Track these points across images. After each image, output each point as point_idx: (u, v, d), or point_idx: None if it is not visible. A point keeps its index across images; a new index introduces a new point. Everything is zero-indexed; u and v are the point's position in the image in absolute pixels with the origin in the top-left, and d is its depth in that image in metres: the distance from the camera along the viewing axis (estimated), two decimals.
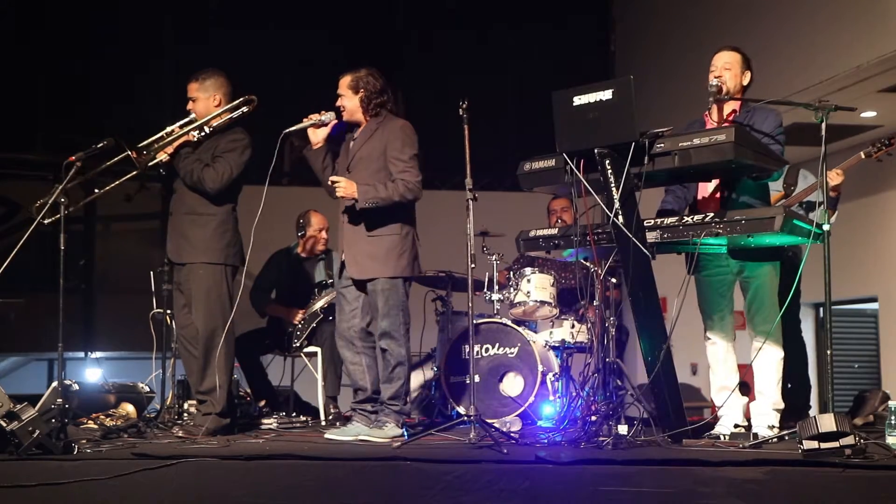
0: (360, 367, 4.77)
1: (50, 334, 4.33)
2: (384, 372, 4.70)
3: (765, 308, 4.48)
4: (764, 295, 4.48)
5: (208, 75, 5.02)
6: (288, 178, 9.97)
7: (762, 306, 4.48)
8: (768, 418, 4.44)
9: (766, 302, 4.48)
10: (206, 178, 4.83)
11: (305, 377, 6.31)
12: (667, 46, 9.25)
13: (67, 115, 9.11)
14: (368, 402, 4.77)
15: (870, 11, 6.57)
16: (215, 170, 4.85)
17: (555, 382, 5.40)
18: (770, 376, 4.48)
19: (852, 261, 8.22)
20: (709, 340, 4.64)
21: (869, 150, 5.18)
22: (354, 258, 4.72)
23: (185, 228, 4.90)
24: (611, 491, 3.28)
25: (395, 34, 10.31)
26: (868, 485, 3.26)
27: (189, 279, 4.89)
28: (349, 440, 4.55)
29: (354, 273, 4.71)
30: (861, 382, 9.10)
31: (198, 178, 4.83)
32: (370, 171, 4.68)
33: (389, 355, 4.68)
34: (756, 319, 4.50)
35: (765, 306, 4.48)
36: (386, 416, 4.67)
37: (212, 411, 4.83)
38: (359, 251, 4.70)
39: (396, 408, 4.68)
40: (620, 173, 4.13)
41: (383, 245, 4.68)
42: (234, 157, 4.90)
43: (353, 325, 4.77)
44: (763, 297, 4.48)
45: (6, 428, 3.76)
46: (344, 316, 4.79)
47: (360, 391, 4.79)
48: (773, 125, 4.42)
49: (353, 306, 4.77)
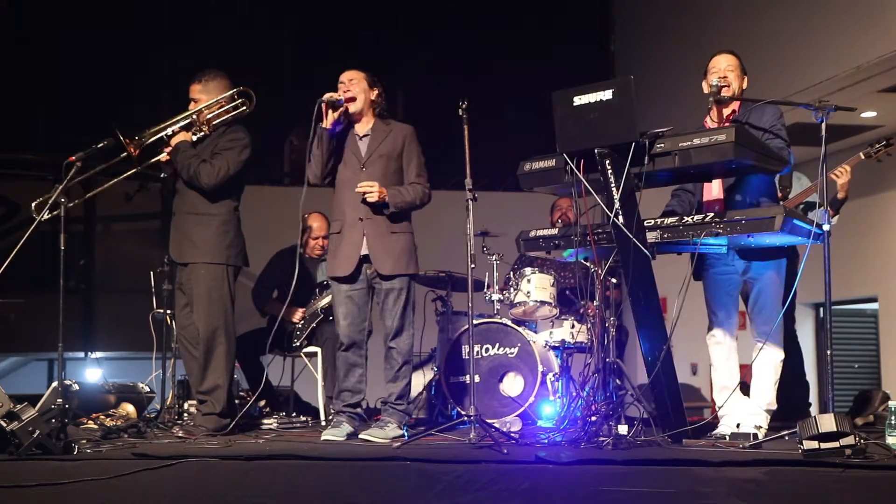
0: (362, 370, 4.78)
1: (50, 334, 4.33)
2: (390, 371, 4.72)
3: (767, 309, 4.48)
4: (767, 296, 4.48)
5: (210, 76, 5.02)
6: (289, 179, 9.99)
7: (764, 307, 4.48)
8: (756, 418, 4.44)
9: (768, 303, 4.48)
10: (202, 173, 4.83)
11: (305, 377, 6.32)
12: (667, 46, 9.25)
13: (67, 115, 9.11)
14: (358, 405, 4.80)
15: (870, 11, 6.57)
16: (212, 165, 4.84)
17: (555, 382, 5.40)
18: (767, 377, 4.48)
19: (852, 261, 8.23)
20: (713, 339, 4.63)
21: (868, 150, 5.18)
22: (379, 255, 4.71)
23: (188, 228, 4.90)
24: (611, 491, 3.28)
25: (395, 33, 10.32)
26: (868, 485, 3.25)
27: (190, 279, 4.89)
28: (343, 440, 4.57)
29: (387, 269, 4.70)
30: (861, 382, 9.10)
31: (194, 173, 4.83)
32: (385, 171, 4.73)
33: (397, 354, 4.71)
34: (757, 320, 4.50)
35: (767, 307, 4.48)
36: (389, 415, 4.69)
37: (212, 411, 4.83)
38: (382, 249, 4.70)
39: (402, 407, 4.72)
40: (620, 173, 4.13)
41: (401, 243, 4.74)
42: (231, 154, 4.90)
43: (364, 329, 4.78)
44: (766, 298, 4.48)
45: (6, 428, 3.76)
46: (354, 320, 4.76)
47: (351, 393, 4.77)
48: (771, 118, 4.41)
49: (364, 310, 4.78)
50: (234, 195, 4.98)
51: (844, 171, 5.19)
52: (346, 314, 4.75)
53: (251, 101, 5.03)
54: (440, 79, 9.68)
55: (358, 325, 4.75)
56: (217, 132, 5.00)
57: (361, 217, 4.70)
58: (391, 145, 4.78)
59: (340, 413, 4.75)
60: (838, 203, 5.31)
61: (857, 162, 5.20)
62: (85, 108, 8.82)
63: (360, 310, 4.76)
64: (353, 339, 4.75)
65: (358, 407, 4.81)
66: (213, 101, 4.99)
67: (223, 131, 5.00)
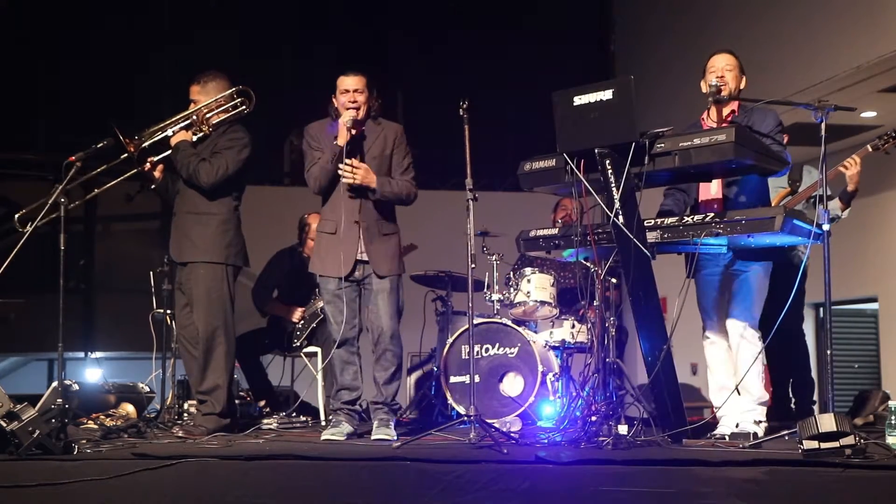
0: (356, 367, 4.79)
1: (50, 334, 4.33)
2: (385, 372, 4.73)
3: (745, 301, 4.45)
4: (748, 288, 4.45)
5: (210, 77, 5.03)
6: (289, 179, 9.99)
7: (744, 299, 4.45)
8: (753, 414, 4.44)
9: (748, 295, 4.45)
10: (201, 172, 4.83)
11: (305, 377, 6.32)
12: (666, 46, 9.25)
13: (67, 115, 9.11)
14: (356, 402, 4.82)
15: (870, 11, 6.58)
16: (211, 164, 4.85)
17: (555, 382, 5.39)
18: (751, 371, 4.46)
19: (852, 261, 8.22)
20: (707, 339, 4.64)
21: (876, 142, 5.18)
22: (376, 257, 4.72)
23: (188, 228, 4.91)
24: (611, 491, 3.28)
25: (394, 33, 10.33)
26: (868, 485, 3.25)
27: (190, 279, 4.89)
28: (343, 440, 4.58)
29: (384, 270, 4.72)
30: (861, 382, 9.10)
31: (193, 171, 4.84)
32: (378, 171, 4.73)
33: (392, 355, 4.73)
34: (735, 312, 4.47)
35: (746, 299, 4.45)
36: (386, 413, 4.72)
37: (212, 411, 4.83)
38: (378, 251, 4.72)
39: (397, 406, 4.78)
40: (621, 173, 4.13)
41: (391, 243, 4.77)
42: (231, 154, 4.90)
43: (355, 325, 4.79)
44: (746, 289, 4.45)
45: (6, 428, 3.76)
46: (345, 318, 4.75)
47: (349, 391, 4.78)
48: (771, 125, 4.42)
49: (353, 307, 4.77)
50: (234, 194, 4.98)
51: (854, 161, 5.16)
52: (338, 311, 4.76)
53: (251, 101, 5.03)
54: (440, 79, 9.68)
55: (349, 321, 4.75)
56: (217, 132, 5.01)
57: (357, 220, 4.71)
58: (382, 145, 4.79)
59: (339, 412, 4.76)
60: (848, 196, 5.29)
61: (864, 154, 5.20)
62: (85, 108, 8.82)
63: (350, 307, 4.76)
64: (345, 335, 4.75)
65: (356, 404, 4.82)
66: (213, 101, 4.99)
67: (223, 131, 5.01)
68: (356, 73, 4.76)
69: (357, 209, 4.71)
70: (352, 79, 4.74)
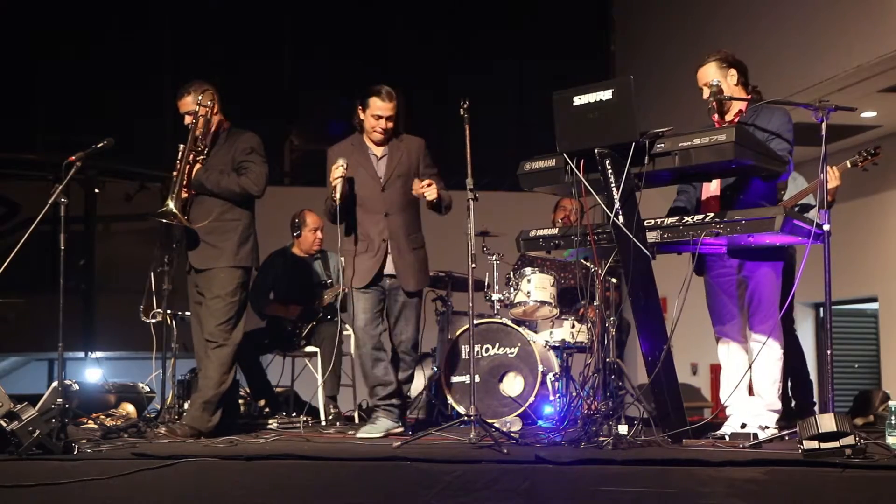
0: (385, 362, 4.86)
1: (50, 334, 4.33)
2: (403, 373, 4.95)
3: (763, 307, 4.46)
4: (762, 294, 4.46)
5: (195, 88, 4.88)
6: (289, 179, 10.00)
7: (760, 305, 4.46)
8: (761, 419, 4.43)
9: (763, 301, 4.46)
10: (248, 186, 4.80)
11: (305, 377, 6.31)
12: (667, 46, 9.26)
13: (67, 115, 9.12)
14: (394, 396, 4.87)
15: (870, 11, 6.58)
16: (248, 177, 4.81)
17: (555, 382, 5.40)
18: (767, 377, 4.47)
19: (852, 261, 8.23)
20: (720, 340, 4.63)
21: (855, 158, 5.16)
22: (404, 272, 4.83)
23: (213, 237, 4.84)
24: (611, 491, 3.29)
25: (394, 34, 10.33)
26: (868, 485, 3.26)
27: (211, 282, 4.84)
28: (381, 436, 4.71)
29: (411, 286, 4.84)
30: (861, 382, 9.11)
31: (241, 190, 4.80)
32: (405, 189, 4.83)
33: (412, 360, 5.00)
34: (753, 319, 4.49)
35: (763, 305, 4.46)
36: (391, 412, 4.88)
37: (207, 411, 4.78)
38: (405, 265, 4.83)
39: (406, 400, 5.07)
40: (620, 173, 4.13)
41: (420, 258, 4.92)
42: (259, 158, 4.88)
43: (381, 329, 4.89)
44: (760, 295, 4.46)
45: (6, 428, 3.76)
46: (370, 317, 4.83)
47: (383, 386, 4.84)
48: (779, 122, 4.39)
49: (377, 314, 4.87)
50: (253, 199, 4.97)
51: (833, 176, 5.15)
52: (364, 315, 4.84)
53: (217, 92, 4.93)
54: (440, 78, 9.69)
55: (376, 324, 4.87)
56: (220, 140, 4.93)
57: (385, 238, 4.80)
58: (407, 164, 4.86)
59: (376, 408, 4.86)
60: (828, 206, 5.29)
61: (844, 169, 5.18)
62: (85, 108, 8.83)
63: (374, 309, 4.86)
64: (372, 335, 4.84)
65: (394, 398, 4.86)
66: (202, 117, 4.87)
67: (225, 137, 4.94)
68: (392, 99, 4.78)
69: (384, 227, 4.81)
70: (388, 105, 4.77)
